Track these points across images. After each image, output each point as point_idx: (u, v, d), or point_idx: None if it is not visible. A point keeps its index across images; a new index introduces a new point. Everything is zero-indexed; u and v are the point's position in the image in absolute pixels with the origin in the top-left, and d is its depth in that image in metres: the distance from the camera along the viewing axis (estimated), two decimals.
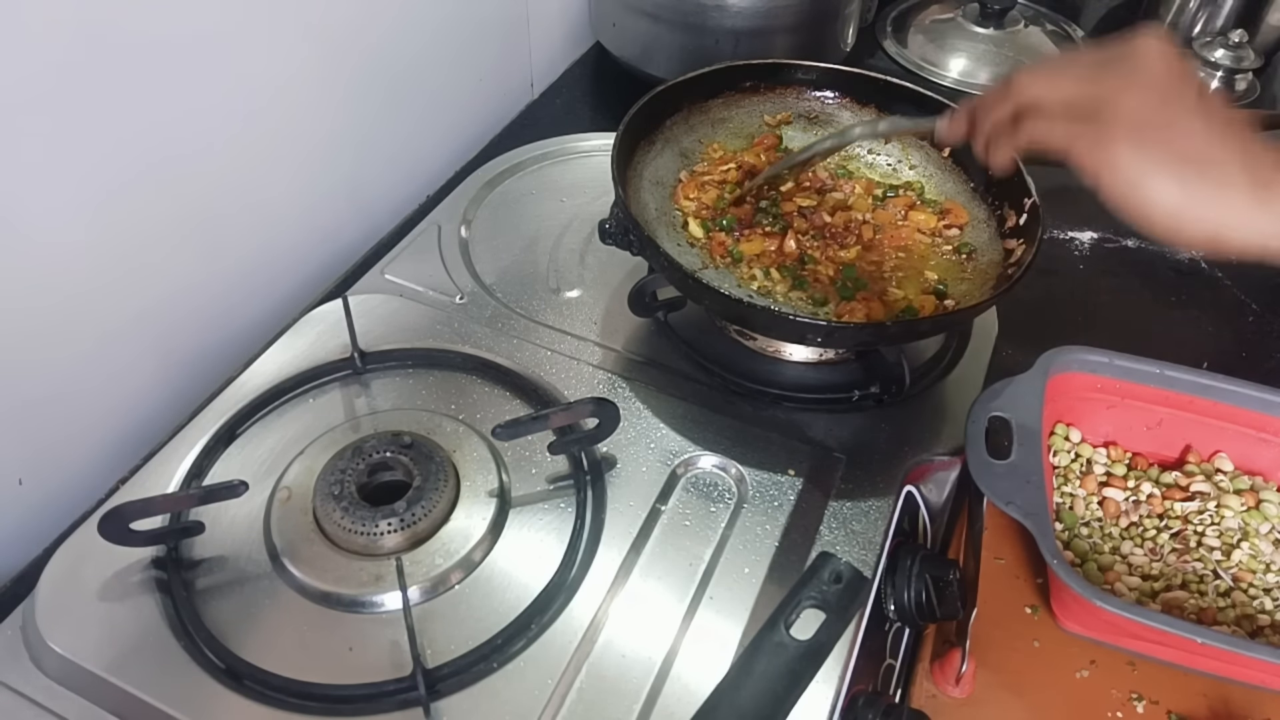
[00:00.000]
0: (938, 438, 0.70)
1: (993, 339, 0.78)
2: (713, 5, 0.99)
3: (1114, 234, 0.96)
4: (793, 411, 0.71)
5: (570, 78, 1.15)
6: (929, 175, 0.82)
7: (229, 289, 0.78)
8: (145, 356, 0.72)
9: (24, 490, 0.66)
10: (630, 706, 0.54)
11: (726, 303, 0.66)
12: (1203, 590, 0.62)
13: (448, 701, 0.54)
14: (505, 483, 0.65)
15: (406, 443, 0.64)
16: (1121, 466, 0.69)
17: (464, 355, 0.73)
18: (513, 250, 0.84)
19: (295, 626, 0.57)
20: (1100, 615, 0.56)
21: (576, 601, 0.59)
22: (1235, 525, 0.65)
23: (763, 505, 0.64)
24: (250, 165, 0.75)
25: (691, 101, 0.81)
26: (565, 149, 0.95)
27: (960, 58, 1.22)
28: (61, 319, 0.65)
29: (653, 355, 0.75)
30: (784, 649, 0.46)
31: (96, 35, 0.59)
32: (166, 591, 0.58)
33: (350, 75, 0.82)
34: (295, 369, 0.71)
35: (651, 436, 0.68)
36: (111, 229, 0.66)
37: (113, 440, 0.71)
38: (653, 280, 0.73)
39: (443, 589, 0.59)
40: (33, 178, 0.59)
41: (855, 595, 0.48)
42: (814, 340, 0.69)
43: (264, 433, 0.67)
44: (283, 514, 0.61)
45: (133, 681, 0.54)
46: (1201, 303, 0.89)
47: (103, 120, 0.62)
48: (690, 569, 0.61)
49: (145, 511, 0.58)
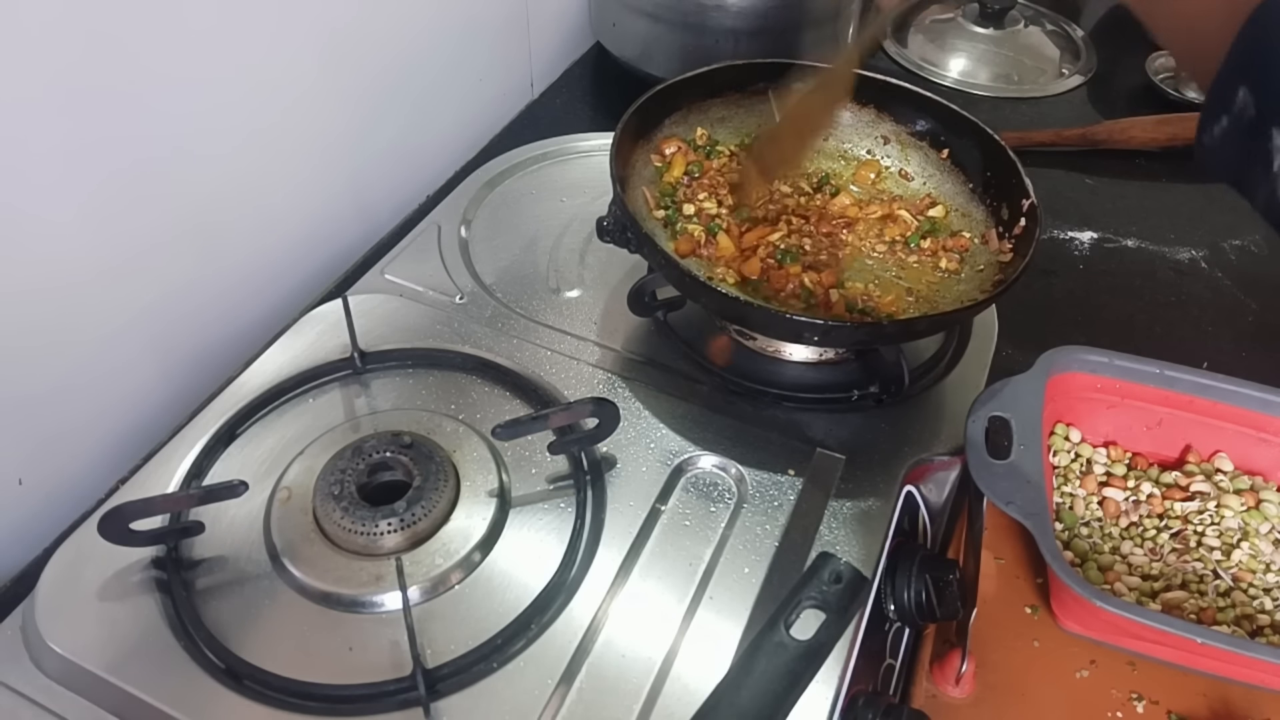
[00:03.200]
0: (938, 438, 0.70)
1: (993, 339, 0.78)
2: (713, 5, 0.99)
3: (1114, 234, 0.96)
4: (793, 411, 0.71)
5: (570, 78, 1.15)
6: (928, 176, 0.82)
7: (229, 289, 0.78)
8: (145, 356, 0.72)
9: (24, 490, 0.66)
10: (630, 706, 0.54)
11: (725, 302, 0.66)
12: (1203, 590, 0.62)
13: (448, 701, 0.54)
14: (505, 483, 0.65)
15: (406, 443, 0.64)
16: (1121, 466, 0.69)
17: (464, 355, 0.73)
18: (512, 250, 0.84)
19: (295, 626, 0.57)
20: (1100, 615, 0.56)
21: (576, 601, 0.59)
22: (1235, 525, 0.65)
23: (763, 505, 0.64)
24: (250, 165, 0.75)
25: (691, 101, 0.81)
26: (565, 149, 0.95)
27: (960, 58, 1.22)
28: (61, 318, 0.65)
29: (652, 355, 0.75)
30: (784, 649, 0.46)
31: (98, 35, 0.59)
32: (166, 591, 0.58)
33: (350, 75, 0.82)
34: (295, 369, 0.71)
35: (651, 436, 0.68)
36: (111, 228, 0.66)
37: (113, 440, 0.71)
38: (652, 280, 0.73)
39: (443, 589, 0.59)
40: (33, 177, 0.59)
41: (855, 595, 0.47)
42: (811, 339, 0.69)
43: (264, 433, 0.67)
44: (283, 514, 0.61)
45: (133, 681, 0.54)
46: (1201, 303, 0.89)
47: (103, 120, 0.62)
48: (690, 569, 0.61)
49: (145, 511, 0.58)
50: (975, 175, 0.79)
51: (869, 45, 0.71)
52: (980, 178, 0.78)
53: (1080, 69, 1.22)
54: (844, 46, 0.72)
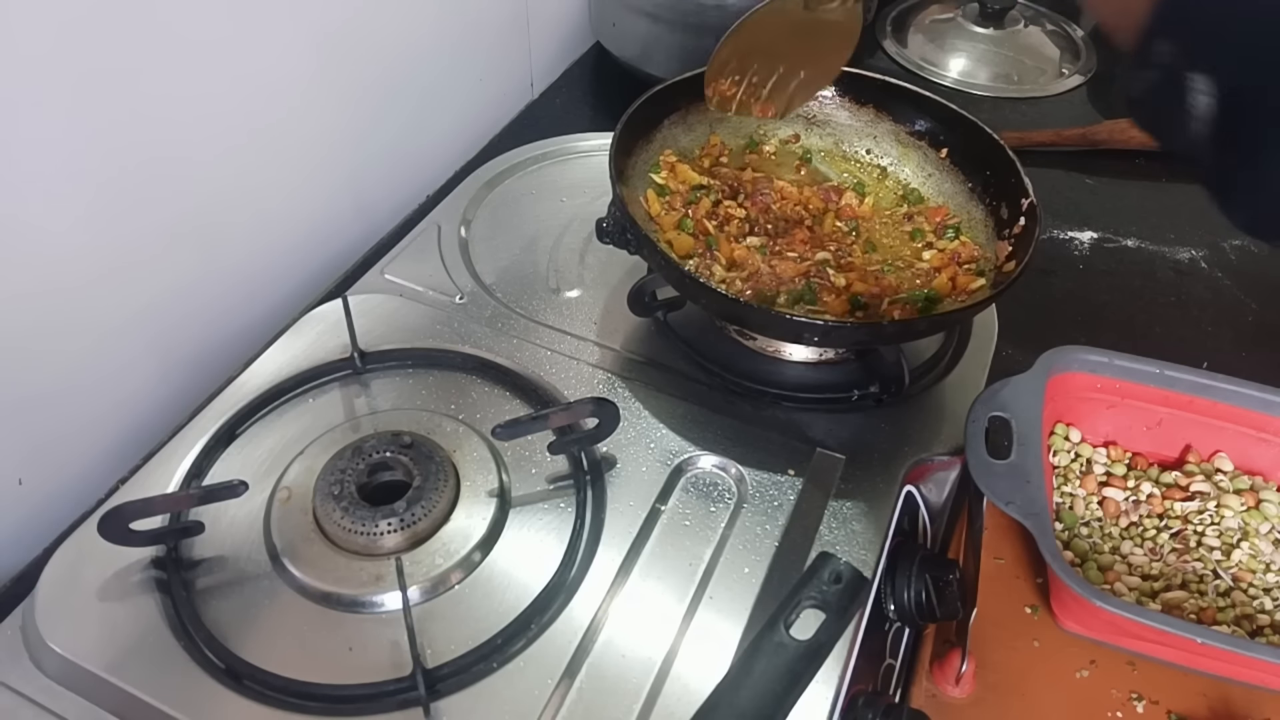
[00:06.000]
0: (938, 438, 0.70)
1: (993, 339, 0.78)
2: (713, 5, 0.99)
3: (1114, 234, 0.96)
4: (793, 411, 0.71)
5: (570, 78, 1.15)
6: (927, 176, 0.82)
7: (229, 289, 0.78)
8: (145, 356, 0.72)
9: (24, 490, 0.66)
10: (630, 706, 0.54)
11: (724, 302, 0.66)
12: (1203, 590, 0.62)
13: (448, 701, 0.54)
14: (505, 483, 0.65)
15: (406, 443, 0.64)
16: (1121, 466, 0.69)
17: (464, 355, 0.73)
18: (512, 250, 0.84)
19: (295, 626, 0.57)
20: (1100, 615, 0.56)
21: (576, 601, 0.59)
22: (1235, 525, 0.65)
23: (763, 505, 0.64)
24: (250, 165, 0.75)
25: (691, 101, 0.81)
26: (565, 149, 0.95)
27: (960, 58, 1.22)
28: (62, 318, 0.65)
29: (652, 355, 0.75)
30: (784, 649, 0.46)
31: (99, 35, 0.60)
32: (166, 591, 0.58)
33: (350, 75, 0.82)
34: (295, 369, 0.71)
35: (651, 436, 0.68)
36: (112, 228, 0.66)
37: (113, 440, 0.71)
38: (652, 280, 0.73)
39: (443, 589, 0.59)
40: (34, 176, 0.59)
41: (855, 595, 0.47)
42: (811, 339, 0.69)
43: (264, 433, 0.67)
44: (283, 514, 0.61)
45: (132, 681, 0.54)
46: (1201, 303, 0.89)
47: (103, 119, 0.62)
48: (690, 569, 0.61)
49: (145, 511, 0.58)
50: (974, 175, 0.79)
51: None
52: (980, 177, 0.78)
53: (1080, 69, 1.22)
54: None
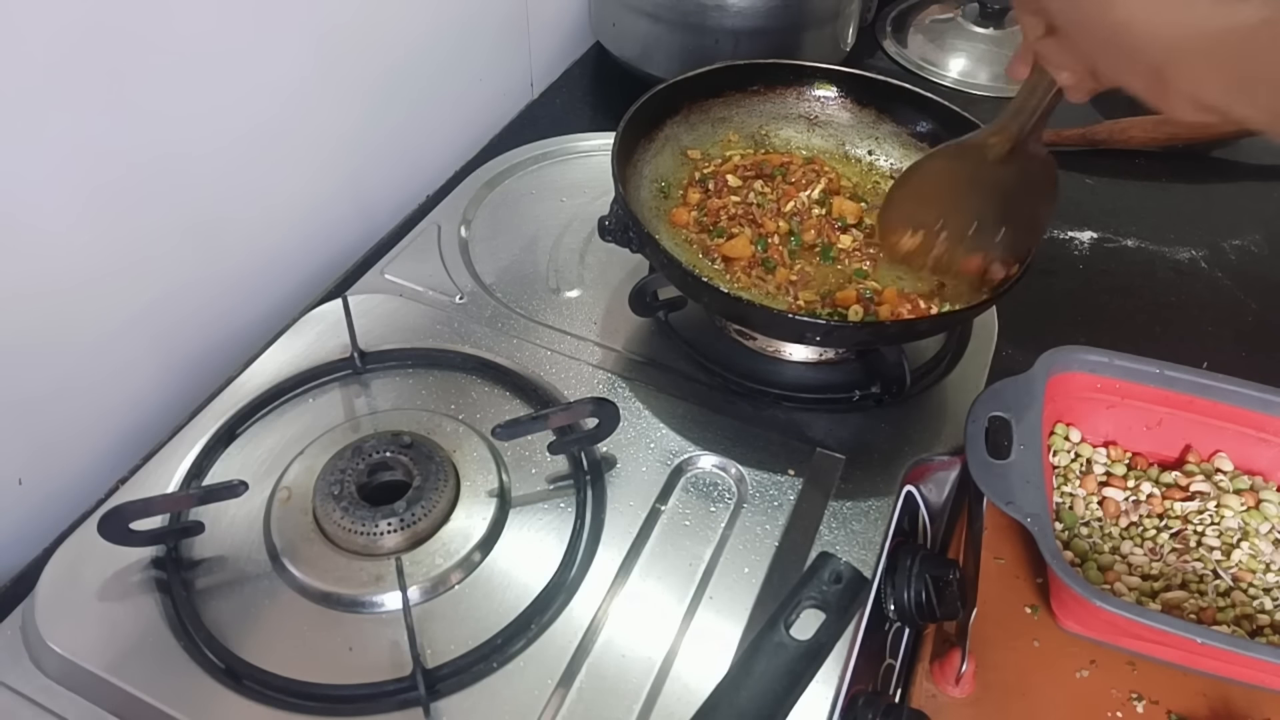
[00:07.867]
0: (938, 438, 0.70)
1: (993, 339, 0.78)
2: (713, 5, 0.99)
3: (1114, 234, 0.96)
4: (793, 411, 0.71)
5: (570, 78, 1.15)
6: None
7: (229, 289, 0.78)
8: (145, 356, 0.72)
9: (24, 490, 0.66)
10: (630, 706, 0.54)
11: (726, 301, 0.66)
12: (1203, 590, 0.62)
13: (448, 701, 0.54)
14: (505, 483, 0.65)
15: (406, 443, 0.64)
16: (1121, 466, 0.69)
17: (464, 355, 0.73)
18: (512, 250, 0.84)
19: (295, 626, 0.57)
20: (1100, 615, 0.56)
21: (576, 601, 0.59)
22: (1235, 525, 0.65)
23: (763, 505, 0.64)
24: (250, 165, 0.75)
25: (691, 101, 0.81)
26: (565, 149, 0.95)
27: (960, 58, 1.22)
28: (62, 318, 0.65)
29: (653, 355, 0.75)
30: (784, 649, 0.46)
31: (100, 36, 0.59)
32: (166, 591, 0.58)
33: (350, 75, 0.82)
34: (295, 369, 0.71)
35: (651, 436, 0.68)
36: (112, 228, 0.66)
37: (113, 440, 0.71)
38: (653, 280, 0.73)
39: (443, 589, 0.59)
40: (35, 176, 0.59)
41: (855, 595, 0.48)
42: (813, 339, 0.69)
43: (264, 433, 0.67)
44: (283, 514, 0.61)
45: (132, 681, 0.54)
46: (1201, 303, 0.89)
47: (104, 120, 0.62)
48: (690, 569, 0.61)
49: (145, 511, 0.58)
50: None
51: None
52: None
53: None
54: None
